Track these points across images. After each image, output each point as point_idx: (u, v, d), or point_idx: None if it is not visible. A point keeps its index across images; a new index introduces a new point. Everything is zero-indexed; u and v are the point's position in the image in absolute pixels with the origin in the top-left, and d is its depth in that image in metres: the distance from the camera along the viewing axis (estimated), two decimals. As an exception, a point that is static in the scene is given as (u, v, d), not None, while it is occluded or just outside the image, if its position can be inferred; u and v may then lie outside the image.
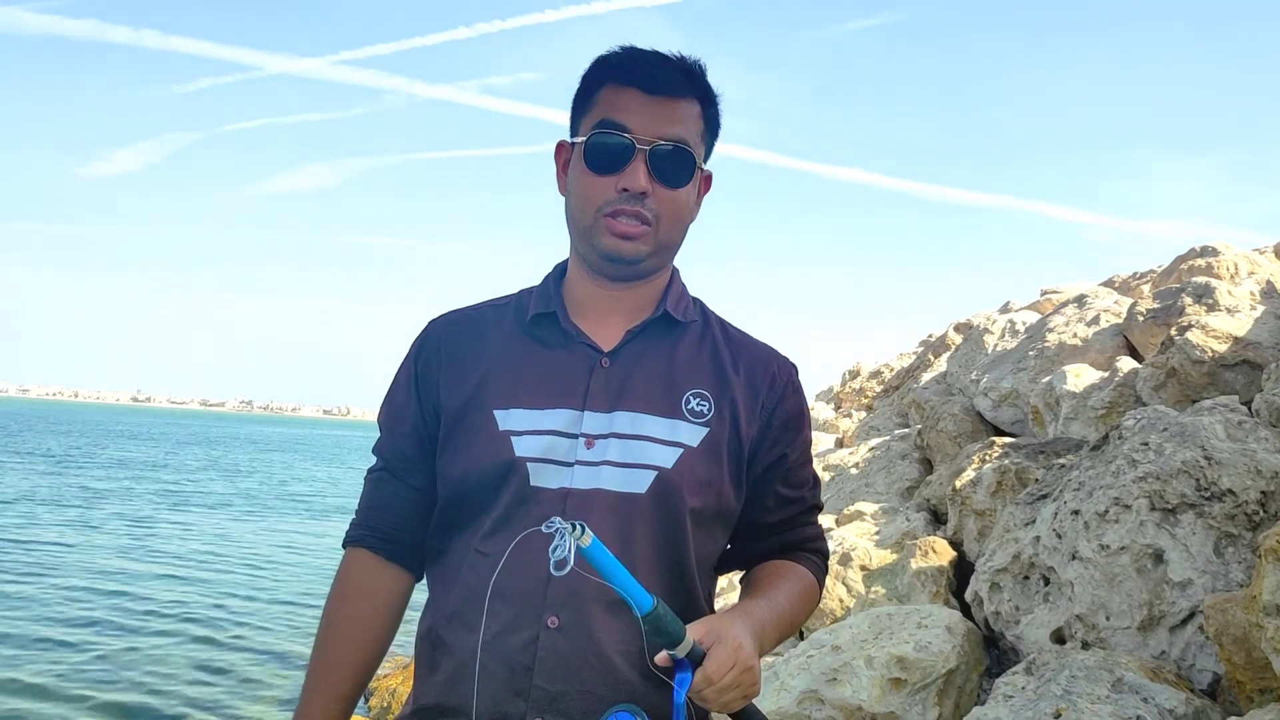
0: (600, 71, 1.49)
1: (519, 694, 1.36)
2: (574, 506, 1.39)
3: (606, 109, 1.46)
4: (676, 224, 1.50)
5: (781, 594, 1.50)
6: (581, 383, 1.47)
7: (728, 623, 1.32)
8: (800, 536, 1.62)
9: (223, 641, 10.96)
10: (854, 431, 10.96)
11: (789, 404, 1.57)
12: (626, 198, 1.44)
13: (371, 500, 1.58)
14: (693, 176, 1.48)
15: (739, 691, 1.28)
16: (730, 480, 1.49)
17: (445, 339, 1.56)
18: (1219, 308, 5.63)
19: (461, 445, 1.47)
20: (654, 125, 1.44)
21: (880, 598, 4.67)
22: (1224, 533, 3.33)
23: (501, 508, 1.42)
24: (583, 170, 1.47)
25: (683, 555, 1.45)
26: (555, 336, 1.52)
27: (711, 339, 1.57)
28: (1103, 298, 7.50)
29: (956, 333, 11.24)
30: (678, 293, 1.58)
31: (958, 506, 5.11)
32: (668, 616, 1.22)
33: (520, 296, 1.60)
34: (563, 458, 1.42)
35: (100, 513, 22.66)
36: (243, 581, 14.88)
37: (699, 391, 1.50)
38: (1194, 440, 3.58)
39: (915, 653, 3.68)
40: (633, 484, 1.42)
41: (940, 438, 7.16)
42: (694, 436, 1.46)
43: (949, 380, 8.88)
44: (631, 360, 1.50)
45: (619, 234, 1.46)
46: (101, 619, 11.57)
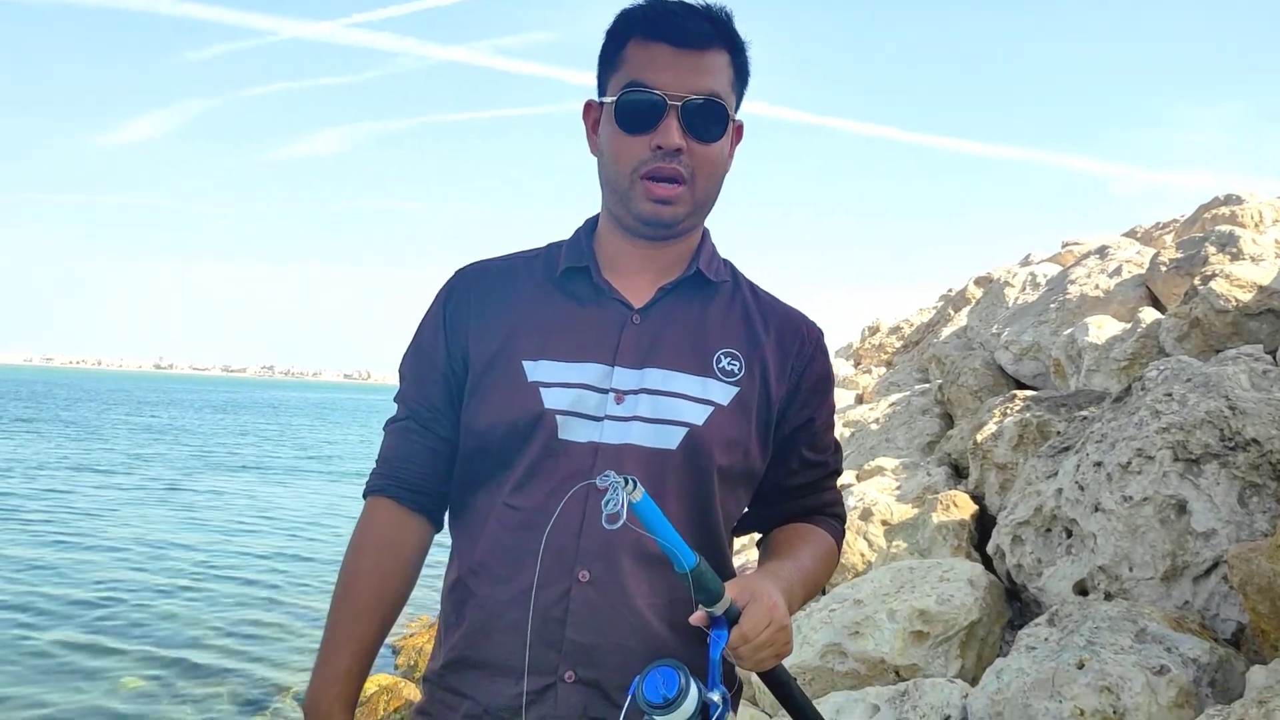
0: (625, 26, 1.45)
1: (551, 647, 1.37)
2: (603, 461, 1.39)
3: (635, 66, 1.43)
4: (712, 179, 1.48)
5: (806, 556, 1.51)
6: (612, 338, 1.46)
7: (761, 582, 1.32)
8: (821, 500, 1.62)
9: (278, 600, 11.32)
10: (874, 388, 10.93)
11: (817, 367, 1.57)
12: (661, 155, 1.41)
13: (395, 450, 1.55)
14: (726, 129, 1.46)
15: (773, 650, 1.29)
16: (758, 440, 1.49)
17: (475, 288, 1.55)
18: (1243, 256, 5.57)
19: (489, 396, 1.46)
20: (684, 80, 1.41)
21: (902, 552, 4.68)
22: (1248, 482, 3.31)
23: (529, 460, 1.42)
24: (614, 130, 1.44)
25: (711, 512, 1.46)
26: (586, 291, 1.51)
27: (742, 300, 1.57)
28: (1125, 249, 7.43)
29: (977, 286, 11.18)
30: (709, 252, 1.56)
31: (979, 460, 5.10)
32: (709, 574, 1.22)
33: (549, 250, 1.58)
34: (592, 412, 1.42)
35: (138, 478, 23.04)
36: (285, 543, 15.18)
37: (730, 351, 1.49)
38: (1218, 390, 3.55)
39: (937, 606, 3.69)
40: (664, 440, 1.41)
41: (961, 392, 7.13)
42: (725, 395, 1.46)
43: (969, 335, 8.84)
44: (663, 318, 1.49)
45: (657, 198, 1.44)
46: (150, 579, 11.90)
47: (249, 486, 23.12)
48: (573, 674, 1.38)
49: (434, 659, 1.51)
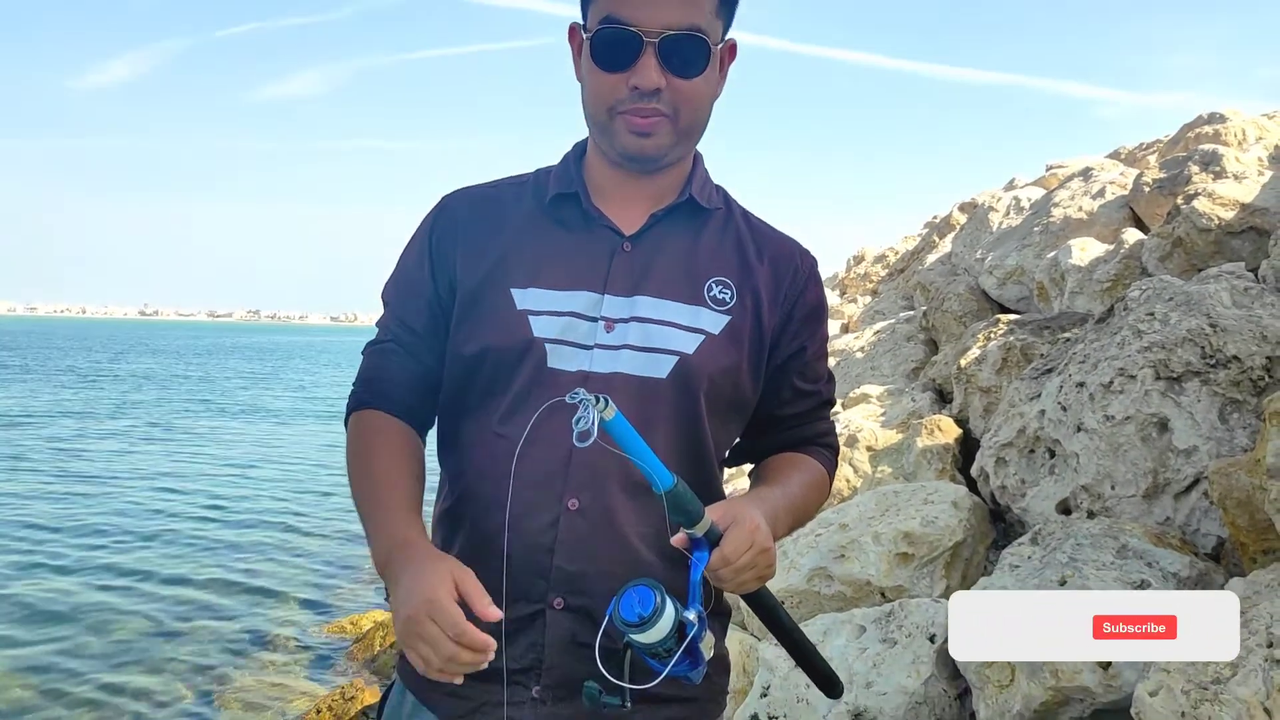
0: None
1: (539, 574, 1.38)
2: (592, 389, 1.36)
3: (610, 1, 1.36)
4: (697, 111, 1.43)
5: (794, 484, 1.50)
6: (602, 266, 1.45)
7: (744, 505, 1.32)
8: (813, 431, 1.61)
9: (304, 530, 11.75)
10: (859, 317, 10.95)
11: (810, 296, 1.55)
12: (639, 95, 1.37)
13: (376, 370, 1.51)
14: (708, 62, 1.40)
15: (755, 573, 1.29)
16: (749, 370, 1.48)
17: (462, 214, 1.52)
18: (1226, 175, 5.54)
19: (477, 323, 1.44)
20: (661, 13, 1.34)
21: (887, 477, 4.71)
22: (1229, 399, 3.33)
23: (517, 388, 1.41)
24: (592, 67, 1.40)
25: (701, 441, 1.45)
26: (576, 218, 1.48)
27: (735, 227, 1.54)
28: (1108, 170, 7.40)
29: (961, 212, 11.15)
30: (701, 178, 1.53)
31: (963, 385, 5.12)
32: (687, 495, 1.22)
33: (538, 175, 1.55)
34: (581, 340, 1.41)
35: (140, 423, 23.21)
36: (299, 480, 15.47)
37: (721, 279, 1.47)
38: (1199, 308, 3.56)
39: (922, 528, 3.73)
40: (653, 369, 1.41)
41: (945, 318, 7.14)
42: (716, 324, 1.44)
43: (954, 260, 8.83)
44: (654, 245, 1.47)
45: (637, 131, 1.40)
46: (174, 519, 12.19)
47: (252, 428, 23.37)
48: (561, 601, 1.38)
49: None
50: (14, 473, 15.27)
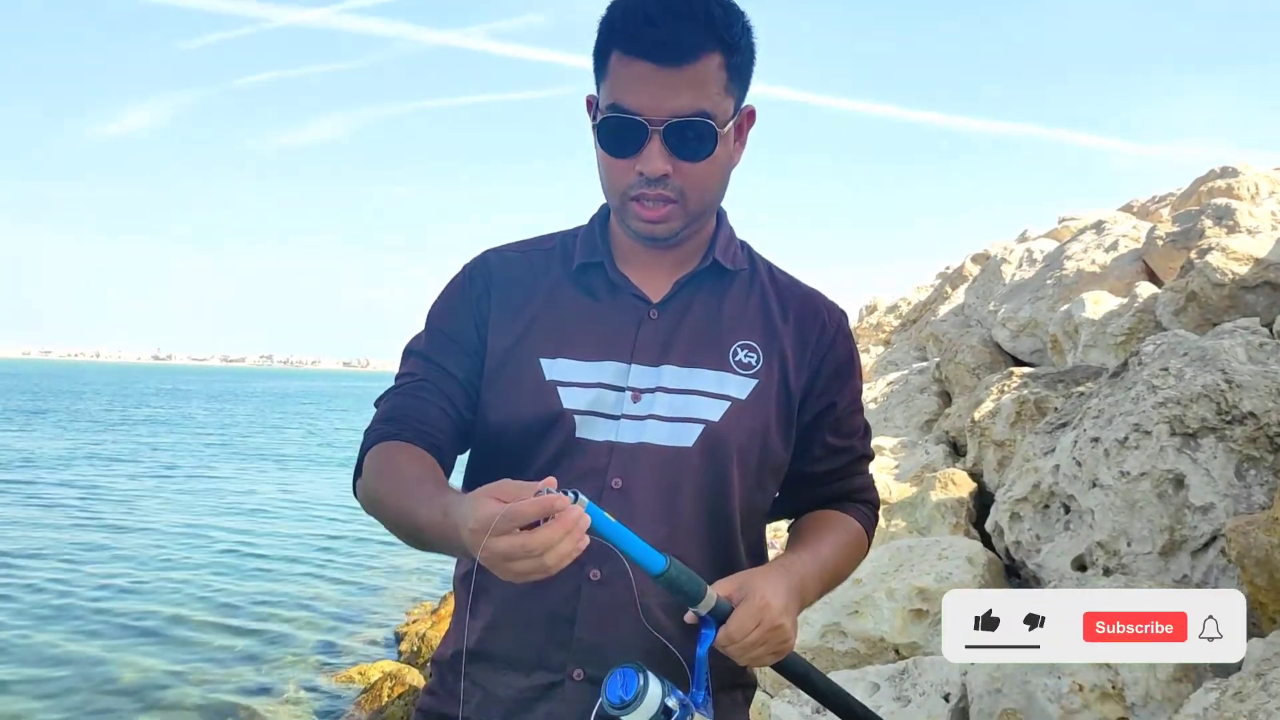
0: (607, 34, 1.37)
1: (559, 644, 1.37)
2: (619, 460, 1.38)
3: (616, 85, 1.35)
4: (705, 192, 1.42)
5: (826, 544, 1.48)
6: (629, 335, 1.44)
7: (760, 579, 1.31)
8: (850, 486, 1.58)
9: (314, 577, 11.74)
10: (872, 367, 10.93)
11: (839, 351, 1.53)
12: (646, 180, 1.36)
13: (402, 410, 1.44)
14: (717, 143, 1.38)
15: (766, 648, 1.28)
16: (779, 431, 1.47)
17: (497, 274, 1.50)
18: (1239, 229, 5.55)
19: (505, 391, 1.43)
20: (667, 100, 1.33)
21: (901, 531, 4.68)
22: (1245, 456, 3.31)
23: (545, 458, 1.40)
24: (601, 152, 1.40)
25: (728, 509, 1.44)
26: (602, 286, 1.48)
27: (760, 286, 1.53)
28: (1121, 223, 7.41)
29: (974, 264, 11.16)
30: (725, 239, 1.52)
31: (977, 438, 5.10)
32: (682, 576, 1.21)
33: (564, 241, 1.55)
34: (609, 410, 1.40)
35: (157, 469, 23.22)
36: (309, 528, 15.46)
37: (747, 343, 1.46)
38: (1214, 364, 3.55)
39: (936, 583, 3.70)
40: (680, 438, 1.40)
41: (958, 370, 7.13)
42: (742, 389, 1.43)
43: (966, 312, 8.83)
44: (679, 311, 1.46)
45: (647, 219, 1.39)
46: (185, 566, 12.17)
47: (272, 474, 23.40)
48: (580, 672, 1.37)
49: (445, 645, 1.49)
50: (29, 511, 15.35)
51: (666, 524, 1.38)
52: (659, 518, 1.37)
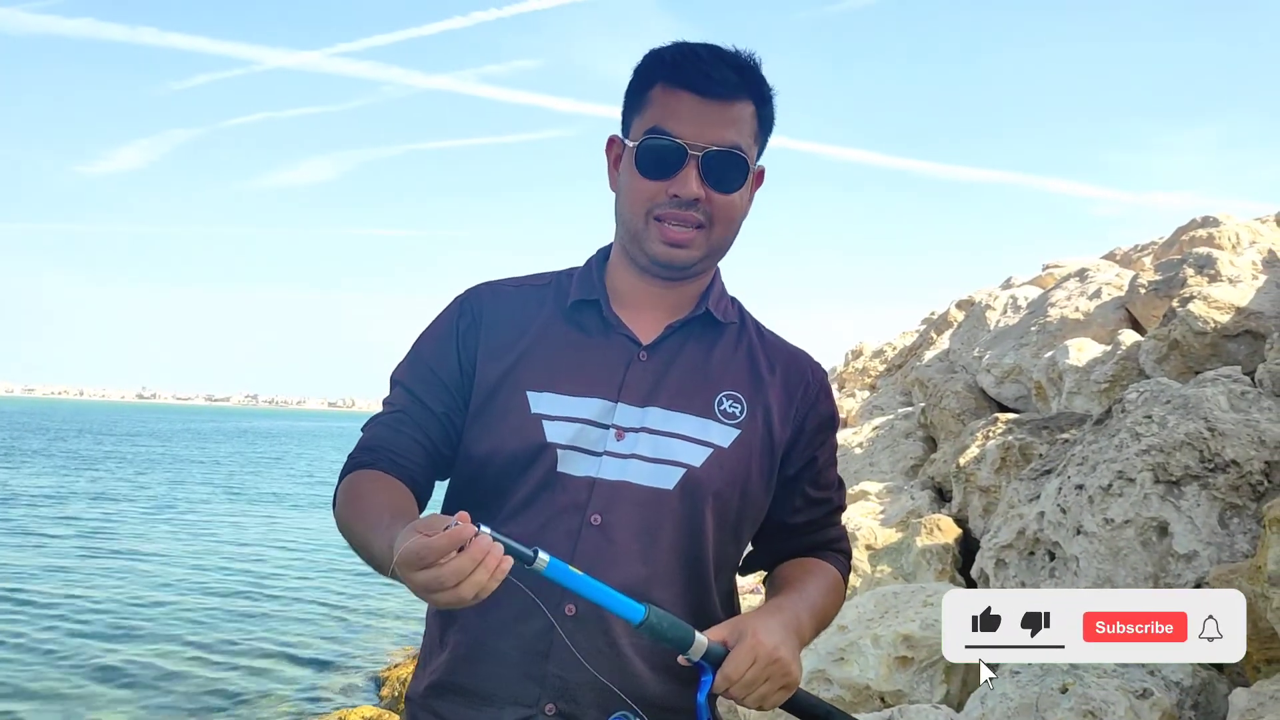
0: (653, 70, 1.44)
1: (533, 679, 1.37)
2: (599, 497, 1.40)
3: (659, 113, 1.42)
4: (729, 226, 1.47)
5: (811, 587, 1.50)
6: (618, 374, 1.47)
7: (752, 620, 1.32)
8: (827, 536, 1.62)
9: (295, 619, 11.78)
10: (858, 411, 10.95)
11: (821, 409, 1.57)
12: (678, 203, 1.42)
13: (381, 439, 1.47)
14: (745, 179, 1.45)
15: (771, 685, 1.28)
16: (760, 482, 1.49)
17: (488, 307, 1.53)
18: (1221, 278, 5.60)
19: (491, 423, 1.45)
20: (707, 130, 1.41)
21: (886, 576, 4.67)
22: (1228, 504, 3.33)
23: (526, 491, 1.42)
24: (634, 173, 1.44)
25: (703, 554, 1.45)
26: (595, 324, 1.51)
27: (748, 341, 1.57)
28: (1104, 271, 7.47)
29: (958, 310, 11.22)
30: (719, 292, 1.56)
31: (962, 484, 5.11)
32: (664, 623, 1.23)
33: (560, 279, 1.58)
34: (591, 447, 1.42)
35: (144, 505, 23.19)
36: (292, 569, 15.42)
37: (732, 393, 1.49)
38: (1197, 412, 3.57)
39: (921, 631, 3.69)
40: (661, 480, 1.42)
41: (944, 415, 7.15)
42: (725, 437, 1.46)
43: (951, 358, 8.86)
44: (669, 356, 1.50)
45: (671, 241, 1.44)
46: (163, 608, 12.07)
47: (257, 513, 23.35)
48: (553, 707, 1.37)
49: (417, 679, 1.49)
50: (19, 551, 15.19)
51: (645, 564, 1.39)
52: (637, 557, 1.39)
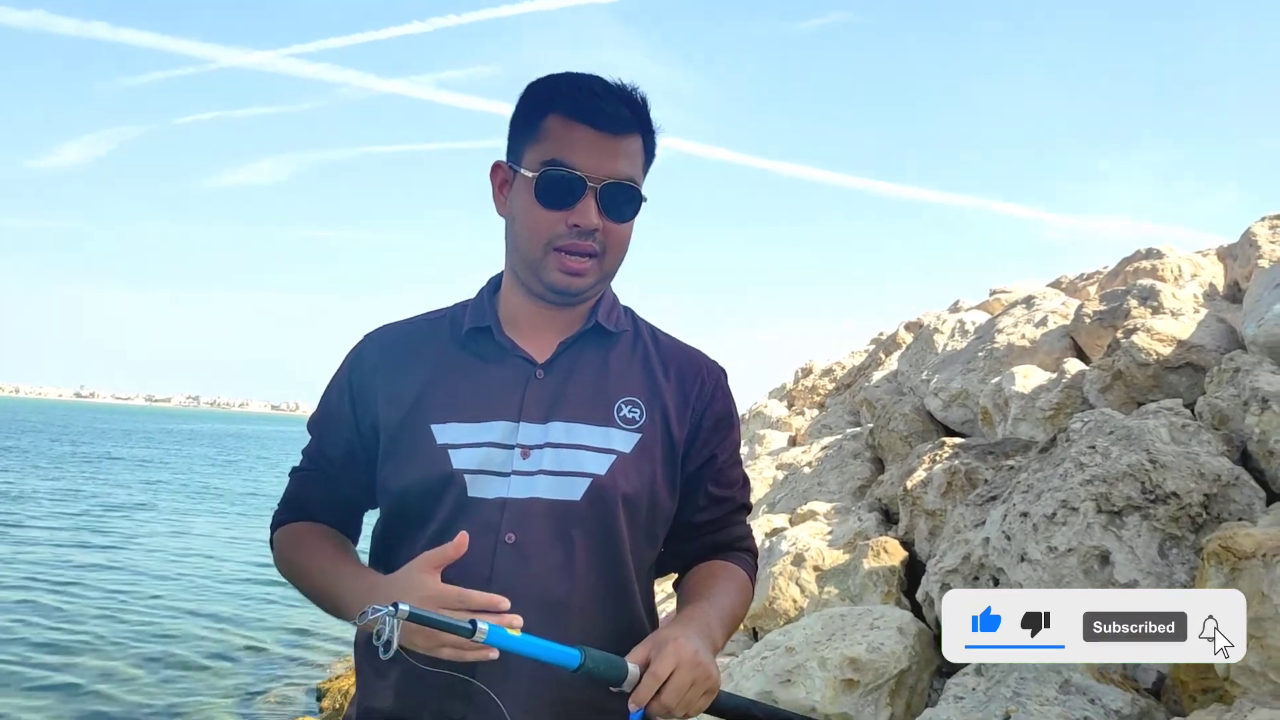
0: (547, 99, 1.50)
1: (462, 698, 1.41)
2: (511, 515, 1.44)
3: (557, 145, 1.47)
4: (619, 253, 1.54)
5: (719, 592, 1.55)
6: (517, 394, 1.52)
7: (668, 632, 1.36)
8: (731, 536, 1.67)
9: (256, 624, 11.79)
10: (807, 429, 11.03)
11: (718, 406, 1.62)
12: (577, 233, 1.47)
13: (296, 495, 1.63)
14: (637, 209, 1.52)
15: (695, 690, 1.32)
16: (665, 482, 1.55)
17: (382, 355, 1.59)
18: (1163, 310, 5.73)
19: (401, 460, 1.51)
20: (604, 163, 1.47)
21: (833, 598, 4.71)
22: (1168, 535, 3.40)
23: (440, 519, 1.46)
24: (532, 202, 1.49)
25: (621, 560, 1.50)
26: (490, 350, 1.56)
27: (643, 347, 1.62)
28: (1050, 299, 7.61)
29: (907, 331, 11.35)
30: (608, 305, 1.62)
31: (909, 507, 5.17)
32: (600, 664, 1.26)
33: (454, 311, 1.63)
34: (499, 468, 1.47)
35: (82, 508, 22.80)
36: (255, 572, 15.30)
37: (630, 399, 1.55)
38: (1139, 443, 3.65)
39: (868, 654, 3.72)
40: (568, 492, 1.47)
41: (891, 437, 7.22)
42: (626, 443, 1.51)
43: (900, 379, 8.96)
44: (565, 371, 1.55)
45: (568, 270, 1.50)
46: (128, 606, 12.14)
47: (198, 516, 23.09)
48: None
49: (352, 705, 1.54)
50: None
51: (564, 575, 1.45)
52: (555, 569, 1.45)
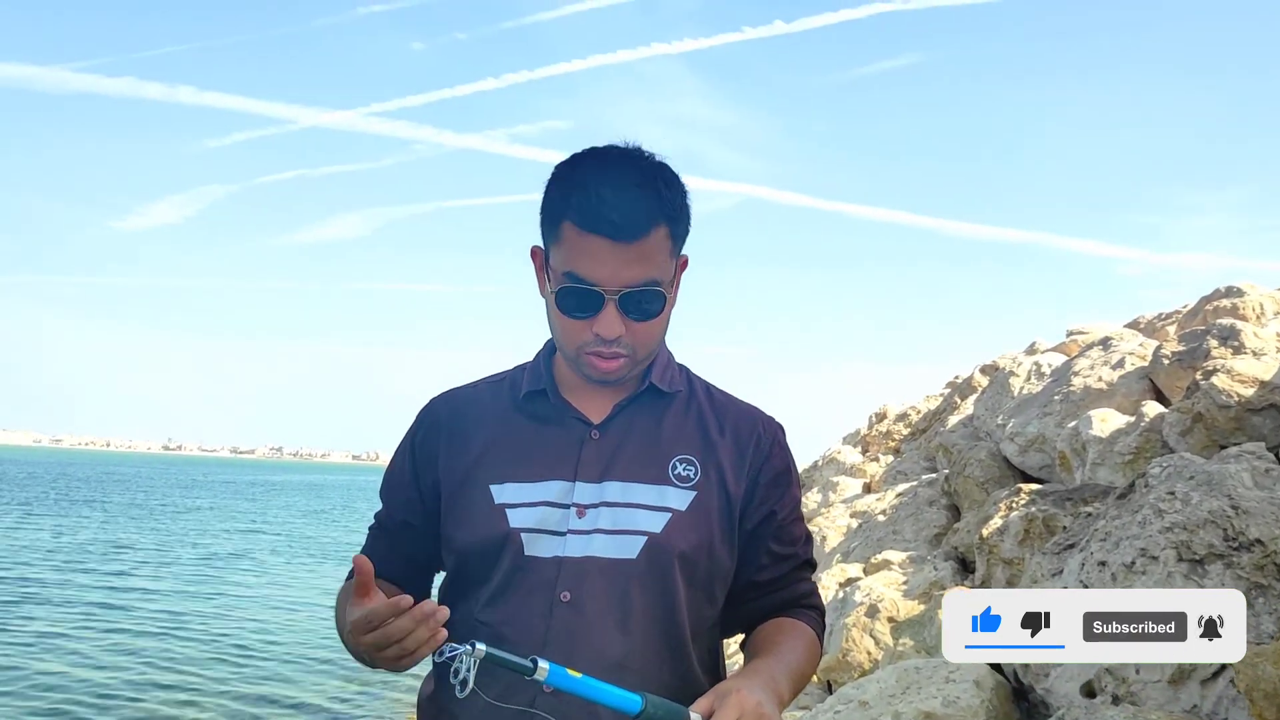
0: (563, 204, 1.46)
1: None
2: (567, 574, 1.46)
3: (573, 256, 1.45)
4: (652, 345, 1.54)
5: (786, 648, 1.53)
6: (573, 454, 1.53)
7: (733, 682, 1.36)
8: (796, 593, 1.64)
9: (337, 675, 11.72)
10: (881, 476, 10.90)
11: (775, 462, 1.61)
12: (601, 340, 1.47)
13: (366, 551, 1.66)
14: (664, 305, 1.50)
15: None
16: (722, 540, 1.54)
17: (444, 417, 1.63)
18: (1245, 350, 5.60)
19: (461, 519, 1.54)
20: (622, 271, 1.44)
21: (908, 650, 4.64)
22: (1253, 583, 3.30)
23: (500, 577, 1.49)
24: (558, 313, 1.50)
25: (677, 618, 1.50)
26: (547, 411, 1.58)
27: (697, 405, 1.62)
28: (1128, 340, 7.47)
29: (983, 375, 11.20)
30: (663, 365, 1.62)
31: (985, 555, 5.08)
32: (661, 711, 1.26)
33: (514, 375, 1.66)
34: (555, 527, 1.49)
35: (221, 562, 23.31)
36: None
37: (685, 457, 1.55)
38: (1220, 489, 3.56)
39: (943, 708, 3.66)
40: (624, 550, 1.47)
41: (967, 484, 7.12)
42: (682, 501, 1.51)
43: (975, 424, 8.84)
44: (620, 431, 1.56)
45: (601, 370, 1.50)
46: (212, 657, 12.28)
47: (289, 569, 23.37)
48: None
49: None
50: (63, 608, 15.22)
51: (620, 633, 1.45)
52: (611, 627, 1.45)
